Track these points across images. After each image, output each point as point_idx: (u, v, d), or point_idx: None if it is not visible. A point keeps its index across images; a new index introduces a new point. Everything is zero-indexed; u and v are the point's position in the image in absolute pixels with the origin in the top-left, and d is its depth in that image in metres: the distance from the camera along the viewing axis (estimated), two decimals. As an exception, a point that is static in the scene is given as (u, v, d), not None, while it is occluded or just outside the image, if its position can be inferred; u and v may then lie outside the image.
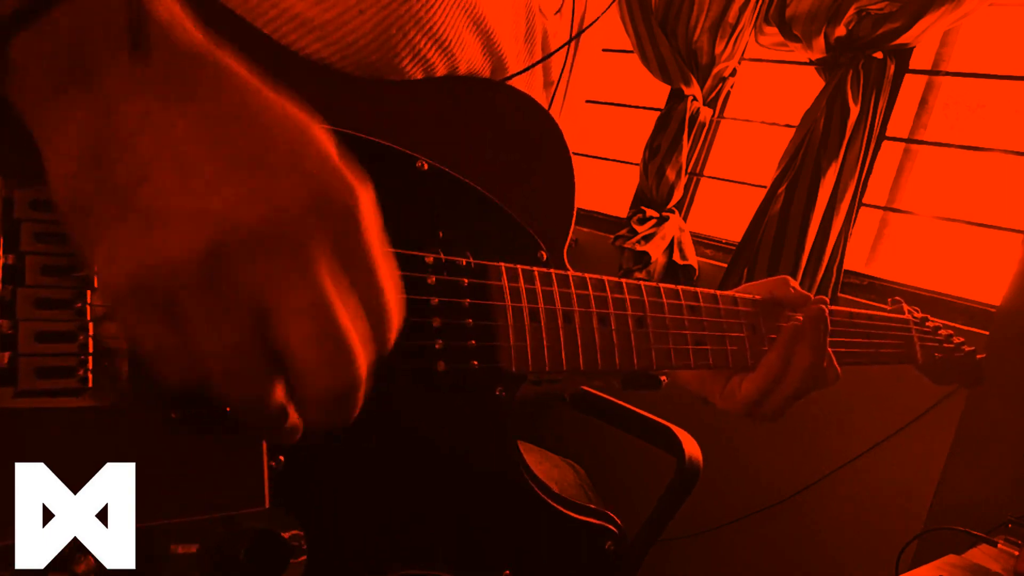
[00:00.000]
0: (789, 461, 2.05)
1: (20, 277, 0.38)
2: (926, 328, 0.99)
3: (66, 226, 0.33)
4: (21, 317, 0.38)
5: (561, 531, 0.59)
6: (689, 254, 2.38)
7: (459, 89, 0.61)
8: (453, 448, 0.54)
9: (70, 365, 0.39)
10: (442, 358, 0.52)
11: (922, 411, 1.83)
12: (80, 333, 0.39)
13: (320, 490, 0.47)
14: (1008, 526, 1.18)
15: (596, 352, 0.60)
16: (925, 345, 0.98)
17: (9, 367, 0.37)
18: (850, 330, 0.85)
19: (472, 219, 0.57)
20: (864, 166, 2.02)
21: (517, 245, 0.60)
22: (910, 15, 1.86)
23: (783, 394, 0.72)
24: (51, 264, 0.39)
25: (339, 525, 0.48)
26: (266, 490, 0.44)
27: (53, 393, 0.38)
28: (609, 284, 0.62)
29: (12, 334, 0.37)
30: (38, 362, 0.38)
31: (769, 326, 0.74)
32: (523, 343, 0.56)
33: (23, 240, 0.38)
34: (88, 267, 0.36)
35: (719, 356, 0.70)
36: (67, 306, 0.39)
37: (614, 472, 2.02)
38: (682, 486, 1.17)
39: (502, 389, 0.56)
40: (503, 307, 0.55)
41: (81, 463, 0.39)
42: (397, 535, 0.51)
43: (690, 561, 2.14)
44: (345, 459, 0.49)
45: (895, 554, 1.23)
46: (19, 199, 0.38)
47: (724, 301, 0.72)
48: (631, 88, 2.76)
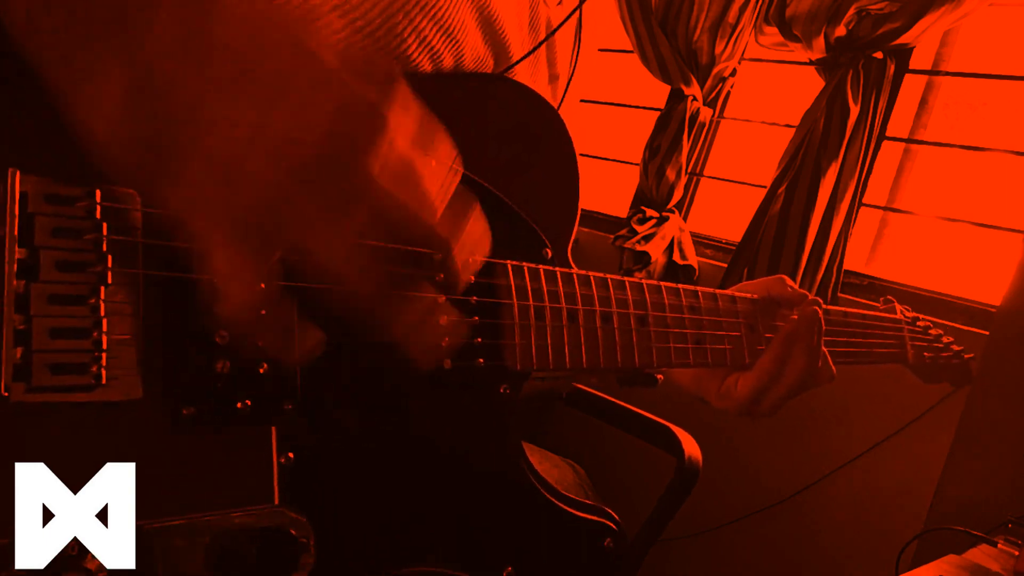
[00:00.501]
0: (789, 461, 2.05)
1: (34, 272, 0.38)
2: (917, 328, 1.00)
3: (121, 178, 0.33)
4: (35, 313, 0.37)
5: (562, 528, 0.59)
6: (689, 254, 2.38)
7: (464, 84, 0.61)
8: (457, 445, 0.54)
9: (83, 362, 0.39)
10: (448, 356, 0.52)
11: (922, 411, 1.83)
12: (94, 329, 0.39)
13: (328, 487, 0.47)
14: (1008, 526, 1.18)
15: (599, 351, 0.60)
16: (915, 345, 0.99)
17: (23, 362, 0.37)
18: (844, 330, 0.86)
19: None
20: (864, 166, 2.02)
21: (523, 242, 0.60)
22: (910, 15, 1.86)
23: (778, 394, 0.73)
24: (65, 259, 0.38)
25: (346, 522, 0.48)
26: (275, 486, 0.44)
27: (66, 389, 0.38)
28: (612, 283, 0.62)
29: (26, 330, 0.37)
30: (51, 358, 0.38)
31: (767, 325, 0.75)
32: (528, 341, 0.56)
33: (37, 235, 0.38)
34: (161, 207, 0.36)
35: (718, 355, 0.70)
36: (81, 302, 0.39)
37: (614, 472, 2.02)
38: (682, 486, 1.17)
39: (507, 387, 0.56)
40: (509, 305, 0.55)
41: (89, 459, 0.39)
42: (403, 532, 0.51)
43: (690, 561, 2.14)
44: (352, 456, 0.49)
45: (895, 554, 1.23)
46: (33, 192, 0.38)
47: (723, 300, 0.72)
48: (628, 88, 2.76)
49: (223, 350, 0.43)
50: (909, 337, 0.98)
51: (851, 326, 0.88)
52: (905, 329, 0.98)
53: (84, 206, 0.39)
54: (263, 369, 0.44)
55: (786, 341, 0.73)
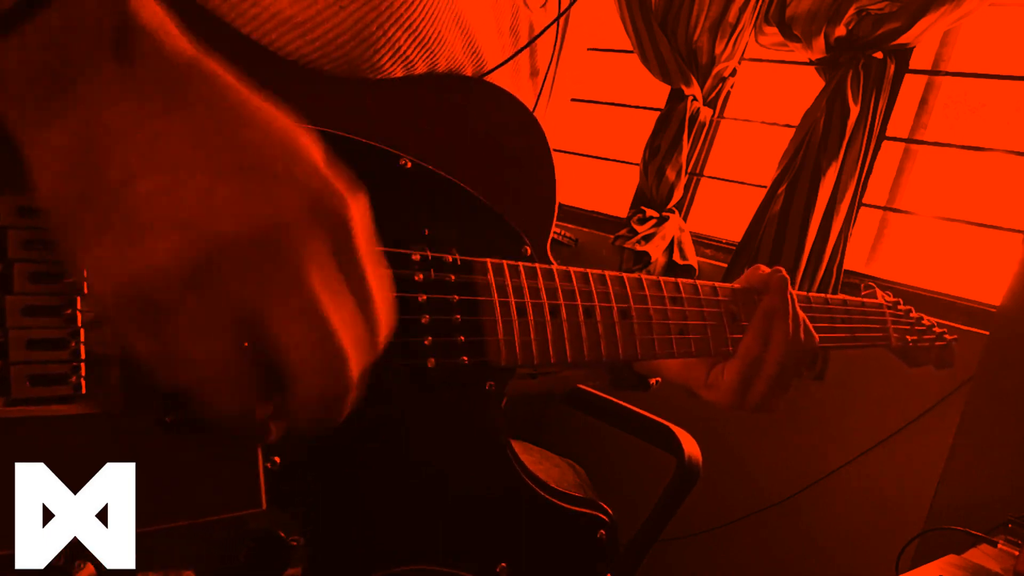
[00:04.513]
0: (789, 461, 2.05)
1: (8, 285, 0.37)
2: (898, 312, 1.01)
3: (54, 233, 0.33)
4: (11, 325, 0.37)
5: (554, 522, 0.59)
6: (689, 254, 2.38)
7: (439, 86, 0.61)
8: (446, 443, 0.55)
9: (63, 372, 0.38)
10: (432, 355, 0.53)
11: (922, 411, 1.84)
12: (71, 340, 0.39)
13: (316, 490, 0.48)
14: (1008, 526, 1.18)
15: (583, 344, 0.61)
16: (898, 328, 0.99)
17: (1, 375, 0.37)
18: (825, 315, 0.87)
19: (457, 216, 0.58)
20: (864, 166, 2.02)
21: (502, 241, 0.60)
22: (910, 15, 1.86)
23: (767, 375, 0.73)
24: (39, 271, 0.38)
25: (336, 524, 0.48)
26: (263, 491, 0.44)
27: (47, 400, 0.38)
28: (593, 277, 0.63)
29: (2, 342, 0.37)
30: (30, 369, 0.38)
31: (747, 313, 0.76)
32: (511, 337, 0.56)
33: (10, 248, 0.38)
34: (77, 274, 0.36)
35: (701, 344, 0.71)
36: (57, 313, 0.38)
37: (614, 472, 2.02)
38: (682, 486, 1.17)
39: (492, 383, 0.57)
40: (490, 302, 0.56)
41: (77, 469, 0.38)
42: (393, 532, 0.51)
43: (690, 561, 2.14)
44: (340, 458, 0.49)
45: (895, 554, 1.24)
46: (5, 206, 0.38)
47: (703, 291, 0.73)
48: (628, 88, 2.76)
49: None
50: (891, 321, 0.99)
51: (833, 312, 0.88)
52: (887, 313, 0.98)
53: None
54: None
55: (763, 317, 0.73)
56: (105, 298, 0.32)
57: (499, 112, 0.63)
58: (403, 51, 0.57)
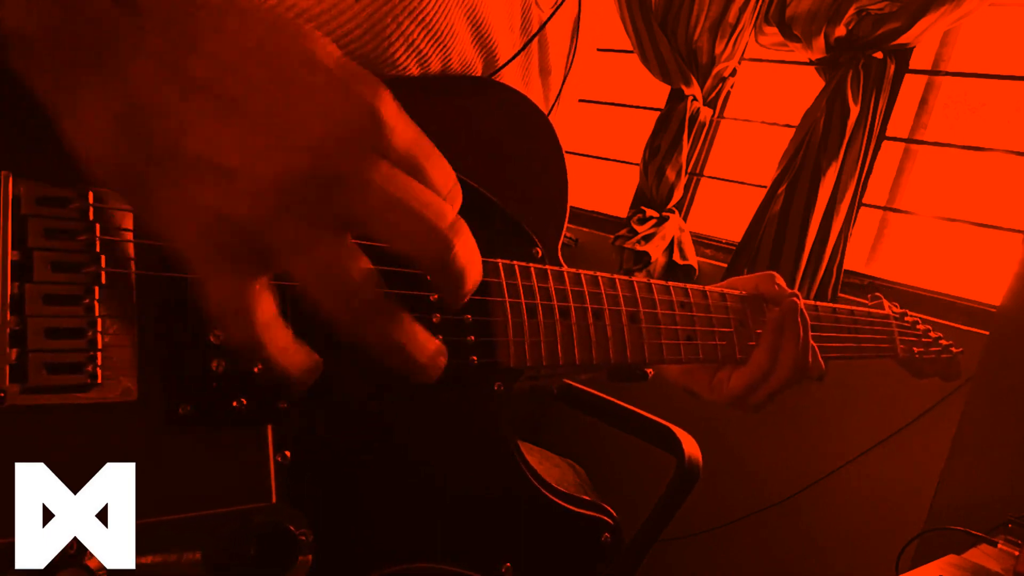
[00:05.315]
0: (789, 461, 2.05)
1: (28, 273, 0.38)
2: (905, 323, 1.01)
3: (119, 193, 0.33)
4: (30, 313, 0.38)
5: (559, 524, 0.59)
6: (689, 254, 2.38)
7: (452, 86, 0.61)
8: (453, 443, 0.55)
9: (79, 361, 0.39)
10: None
11: (922, 411, 1.84)
12: (89, 329, 0.39)
13: (324, 485, 0.48)
14: (1008, 526, 1.18)
15: (591, 347, 0.61)
16: (905, 340, 0.99)
17: (18, 363, 0.37)
18: (833, 326, 0.87)
19: (469, 216, 0.57)
20: (864, 166, 2.02)
21: (513, 242, 0.60)
22: (910, 15, 1.86)
23: (770, 388, 0.75)
24: (59, 260, 0.39)
25: (343, 520, 0.49)
26: (272, 485, 0.45)
27: (63, 389, 0.38)
28: (603, 280, 0.63)
29: (21, 330, 0.37)
30: (47, 358, 0.38)
31: (756, 321, 0.76)
32: (521, 339, 0.56)
33: (31, 236, 0.38)
34: (150, 229, 0.36)
35: (709, 351, 0.71)
36: (76, 302, 0.39)
37: (614, 472, 2.02)
38: (682, 486, 1.17)
39: (500, 384, 0.57)
40: (501, 303, 0.56)
41: (87, 459, 0.39)
42: (399, 529, 0.51)
43: (690, 561, 2.14)
44: (349, 454, 0.49)
45: (895, 554, 1.24)
46: (26, 195, 0.38)
47: (713, 297, 0.73)
48: (628, 88, 2.76)
49: (218, 349, 0.43)
50: (898, 332, 0.99)
51: (840, 322, 0.88)
52: (894, 325, 0.98)
53: (77, 207, 0.39)
54: (258, 369, 0.44)
55: (776, 332, 0.74)
56: (194, 245, 0.32)
57: (512, 113, 0.63)
58: (416, 45, 0.58)
